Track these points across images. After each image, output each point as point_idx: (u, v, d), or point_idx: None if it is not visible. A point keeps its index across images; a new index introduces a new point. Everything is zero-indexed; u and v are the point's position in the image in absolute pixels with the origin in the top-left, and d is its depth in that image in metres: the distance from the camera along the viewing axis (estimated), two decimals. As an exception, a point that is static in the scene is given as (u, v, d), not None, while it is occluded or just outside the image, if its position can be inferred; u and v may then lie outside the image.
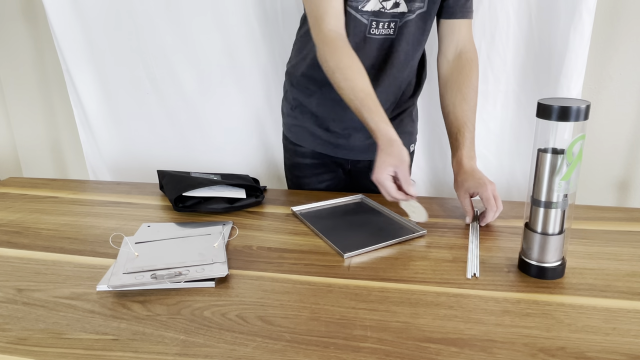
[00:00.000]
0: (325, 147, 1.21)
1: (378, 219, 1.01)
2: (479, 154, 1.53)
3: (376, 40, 1.06)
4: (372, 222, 0.99)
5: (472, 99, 1.06)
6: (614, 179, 1.60)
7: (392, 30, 1.04)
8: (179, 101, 1.63)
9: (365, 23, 1.03)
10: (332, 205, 1.08)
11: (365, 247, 0.87)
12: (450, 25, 1.09)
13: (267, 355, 0.62)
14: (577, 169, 0.72)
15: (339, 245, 0.88)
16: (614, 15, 1.43)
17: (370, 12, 1.02)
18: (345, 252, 0.85)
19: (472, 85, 1.07)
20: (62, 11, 1.55)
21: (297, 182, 1.27)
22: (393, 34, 1.05)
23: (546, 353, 0.61)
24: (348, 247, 0.87)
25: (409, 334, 0.65)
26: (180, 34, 1.54)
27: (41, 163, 2.07)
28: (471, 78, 1.07)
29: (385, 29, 1.04)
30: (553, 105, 0.69)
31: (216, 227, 0.96)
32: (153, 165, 1.73)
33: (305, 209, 1.06)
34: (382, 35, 1.05)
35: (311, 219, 0.99)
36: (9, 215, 1.06)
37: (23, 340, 0.66)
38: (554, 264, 0.77)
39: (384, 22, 1.03)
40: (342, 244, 0.88)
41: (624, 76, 1.48)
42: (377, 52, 1.07)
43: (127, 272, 0.78)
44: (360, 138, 1.18)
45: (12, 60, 1.92)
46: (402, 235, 0.92)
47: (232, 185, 1.09)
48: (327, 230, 0.94)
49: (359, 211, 1.05)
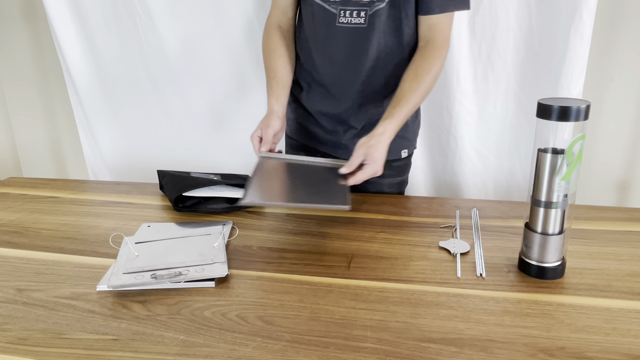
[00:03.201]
0: (314, 142, 1.23)
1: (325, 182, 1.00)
2: (479, 154, 1.54)
3: (347, 30, 1.06)
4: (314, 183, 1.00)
5: (424, 83, 1.04)
6: (614, 179, 1.60)
7: (363, 19, 1.04)
8: (179, 101, 1.63)
9: (334, 12, 1.05)
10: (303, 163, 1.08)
11: (274, 201, 0.92)
12: (424, 19, 1.06)
13: (267, 355, 0.62)
14: (577, 169, 0.72)
15: (250, 191, 0.89)
16: (615, 15, 1.43)
17: (338, 2, 1.04)
18: (245, 199, 0.86)
19: (430, 72, 1.04)
20: (62, 11, 1.55)
21: None
22: (364, 23, 1.04)
23: (546, 353, 0.61)
24: (259, 195, 0.89)
25: (409, 334, 0.65)
26: (181, 33, 1.54)
27: (41, 163, 2.07)
28: (432, 65, 1.05)
29: (355, 17, 1.04)
30: (553, 105, 0.69)
31: (216, 227, 0.96)
32: (153, 165, 1.72)
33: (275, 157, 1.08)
34: (353, 24, 1.05)
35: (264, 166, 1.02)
36: (9, 215, 1.06)
37: (23, 340, 0.66)
38: (554, 264, 0.77)
39: (351, 10, 1.04)
40: (258, 193, 0.90)
41: (624, 76, 1.48)
42: (351, 42, 1.07)
43: (127, 272, 0.79)
44: (347, 137, 1.18)
45: (12, 60, 1.92)
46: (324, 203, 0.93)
47: (232, 185, 1.09)
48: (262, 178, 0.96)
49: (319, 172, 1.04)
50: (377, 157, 0.97)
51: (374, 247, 0.89)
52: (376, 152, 0.97)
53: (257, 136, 1.07)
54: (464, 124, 1.48)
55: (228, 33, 1.52)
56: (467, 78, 1.43)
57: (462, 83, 1.42)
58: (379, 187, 1.20)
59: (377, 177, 1.11)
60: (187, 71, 1.58)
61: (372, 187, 1.20)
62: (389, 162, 1.16)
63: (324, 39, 1.10)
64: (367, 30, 1.05)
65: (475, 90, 1.45)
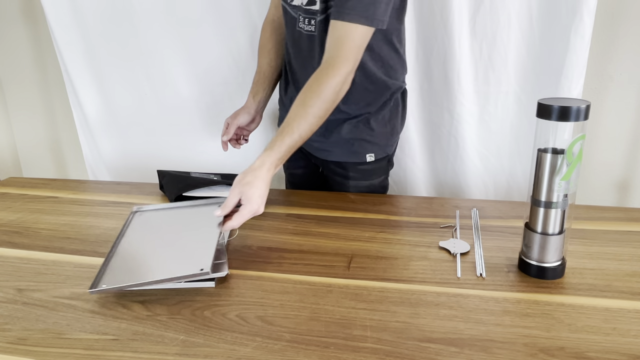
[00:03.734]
0: None
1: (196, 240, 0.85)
2: (480, 154, 1.54)
3: (304, 36, 1.06)
4: (178, 244, 0.85)
5: (313, 109, 0.94)
6: (614, 179, 1.60)
7: (313, 27, 1.03)
8: (178, 101, 1.63)
9: (295, 17, 1.06)
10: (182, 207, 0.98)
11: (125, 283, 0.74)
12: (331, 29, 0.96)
13: (267, 355, 0.62)
14: (577, 169, 0.72)
15: (103, 271, 0.78)
16: (615, 16, 1.43)
17: (296, 7, 1.05)
18: (95, 287, 0.74)
19: (321, 96, 0.94)
20: (61, 12, 1.55)
21: (285, 165, 1.26)
22: (314, 30, 1.03)
23: (546, 353, 0.61)
24: (107, 279, 0.76)
25: (409, 334, 0.65)
26: (180, 34, 1.54)
27: (41, 163, 2.07)
28: (323, 87, 0.94)
29: (307, 25, 1.04)
30: (553, 105, 0.69)
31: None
32: (152, 165, 1.72)
33: (150, 209, 0.98)
34: (306, 31, 1.05)
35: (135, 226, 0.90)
36: (9, 215, 1.06)
37: (23, 340, 0.66)
38: (554, 264, 0.77)
39: (304, 17, 1.04)
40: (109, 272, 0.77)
41: (624, 76, 1.48)
42: (308, 47, 1.07)
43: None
44: (334, 137, 1.15)
45: (12, 61, 1.92)
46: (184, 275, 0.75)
47: (231, 185, 1.09)
48: (130, 245, 0.84)
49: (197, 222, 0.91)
50: (252, 196, 0.86)
51: (374, 247, 0.89)
52: (251, 189, 0.87)
53: (226, 124, 1.17)
54: (465, 124, 1.48)
55: (228, 33, 1.51)
56: (467, 78, 1.43)
57: (462, 83, 1.42)
58: (345, 189, 1.18)
59: (341, 178, 1.15)
60: (186, 71, 1.58)
61: (337, 187, 1.20)
62: (353, 164, 1.16)
63: (291, 41, 1.12)
64: (316, 37, 1.04)
65: (475, 90, 1.45)
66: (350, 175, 1.16)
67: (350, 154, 1.15)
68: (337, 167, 1.18)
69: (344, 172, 1.17)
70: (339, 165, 1.17)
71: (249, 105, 1.19)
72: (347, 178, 1.17)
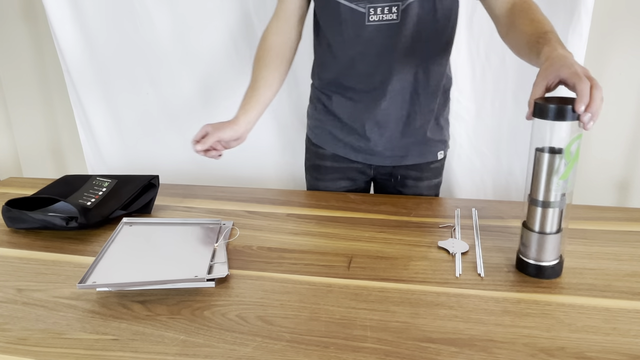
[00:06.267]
0: (345, 150, 1.18)
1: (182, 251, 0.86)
2: (478, 152, 1.54)
3: (378, 27, 1.02)
4: (171, 254, 0.85)
5: (547, 22, 0.90)
6: (614, 179, 1.60)
7: (395, 14, 1.00)
8: (179, 102, 1.63)
9: (362, 12, 1.01)
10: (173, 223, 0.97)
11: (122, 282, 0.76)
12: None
13: (267, 355, 0.62)
14: (575, 168, 0.72)
15: (93, 269, 0.78)
16: (613, 15, 1.43)
17: (366, 0, 1.01)
18: (82, 281, 0.74)
19: (542, 17, 0.92)
20: (62, 12, 1.55)
21: (315, 185, 1.26)
22: (397, 18, 1.01)
23: (546, 353, 0.61)
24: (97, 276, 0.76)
25: (409, 334, 0.65)
26: (181, 33, 1.54)
27: (41, 163, 2.07)
28: (537, 12, 0.93)
29: (386, 14, 1.01)
30: (549, 105, 0.69)
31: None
32: (153, 165, 1.73)
33: (140, 222, 0.96)
34: (384, 21, 1.01)
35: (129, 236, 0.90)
36: (9, 216, 1.06)
37: (23, 340, 0.66)
38: (552, 262, 0.77)
39: (382, 6, 1.01)
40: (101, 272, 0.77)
41: (624, 76, 1.48)
42: (382, 40, 1.03)
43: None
44: (382, 142, 1.14)
45: (12, 61, 1.92)
46: (181, 279, 0.76)
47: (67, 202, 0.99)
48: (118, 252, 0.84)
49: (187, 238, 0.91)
50: (572, 64, 0.76)
51: (374, 247, 0.89)
52: (567, 61, 0.77)
53: (205, 131, 1.03)
54: (463, 122, 1.48)
55: (228, 32, 1.52)
56: (465, 77, 1.43)
57: (460, 82, 1.42)
58: (418, 190, 1.19)
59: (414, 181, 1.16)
60: (187, 71, 1.59)
61: (408, 191, 1.19)
62: (426, 165, 1.17)
63: (353, 41, 1.04)
64: (399, 25, 1.01)
65: (473, 88, 1.45)
66: (424, 176, 1.16)
67: (426, 154, 1.16)
68: (410, 171, 1.17)
69: (418, 173, 1.17)
70: (413, 168, 1.17)
71: (238, 123, 1.06)
72: (421, 179, 1.17)
